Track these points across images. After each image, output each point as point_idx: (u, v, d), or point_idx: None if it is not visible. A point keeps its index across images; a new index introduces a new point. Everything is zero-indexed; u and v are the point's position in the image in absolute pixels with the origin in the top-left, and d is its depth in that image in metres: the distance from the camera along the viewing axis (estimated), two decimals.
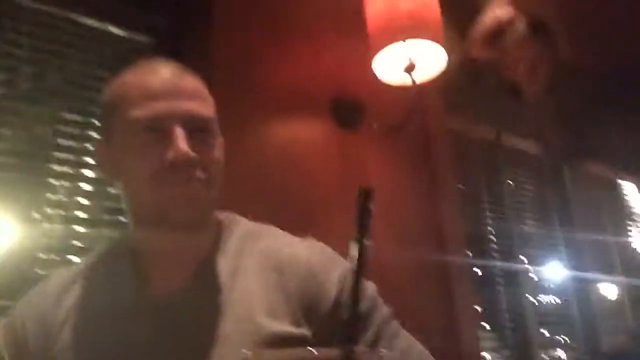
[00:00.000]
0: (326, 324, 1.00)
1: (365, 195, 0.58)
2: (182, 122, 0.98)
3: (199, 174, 0.99)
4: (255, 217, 1.21)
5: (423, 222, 2.67)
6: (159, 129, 0.98)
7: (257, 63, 2.34)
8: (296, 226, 1.18)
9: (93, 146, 1.97)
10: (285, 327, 0.98)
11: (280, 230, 1.15)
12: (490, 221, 3.41)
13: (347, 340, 0.58)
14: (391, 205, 2.56)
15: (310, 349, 0.60)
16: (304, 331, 1.00)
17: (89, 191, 1.98)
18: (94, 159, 1.03)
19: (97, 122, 1.97)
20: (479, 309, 3.04)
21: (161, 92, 0.99)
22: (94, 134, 2.01)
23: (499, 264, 3.32)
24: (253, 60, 2.33)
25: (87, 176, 1.99)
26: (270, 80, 2.36)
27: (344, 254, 1.11)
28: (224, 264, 1.04)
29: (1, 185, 1.83)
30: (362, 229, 0.59)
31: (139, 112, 0.98)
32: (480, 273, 3.21)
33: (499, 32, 0.51)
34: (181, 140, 0.96)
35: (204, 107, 1.03)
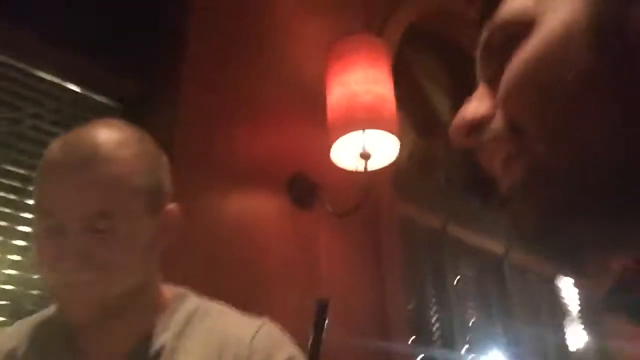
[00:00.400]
0: None
1: (322, 307, 0.59)
2: (80, 217, 0.91)
3: (92, 275, 0.90)
4: (208, 290, 1.15)
5: (369, 306, 2.65)
6: (54, 224, 0.92)
7: (219, 137, 2.33)
8: (248, 300, 1.15)
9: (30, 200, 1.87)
10: None
11: (230, 310, 1.11)
12: (434, 308, 3.39)
13: None
14: (339, 286, 2.53)
15: None
16: None
17: (22, 246, 1.86)
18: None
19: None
20: None
21: (66, 179, 0.91)
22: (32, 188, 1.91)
23: (441, 351, 3.28)
24: (216, 134, 2.33)
25: (22, 232, 1.87)
26: (231, 155, 2.36)
27: (295, 329, 1.13)
28: (163, 344, 0.99)
29: None
30: (317, 338, 0.58)
31: (41, 204, 0.93)
32: None
33: (478, 125, 0.52)
34: (65, 247, 0.89)
35: (114, 194, 0.92)
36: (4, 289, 1.77)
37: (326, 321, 0.58)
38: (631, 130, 0.39)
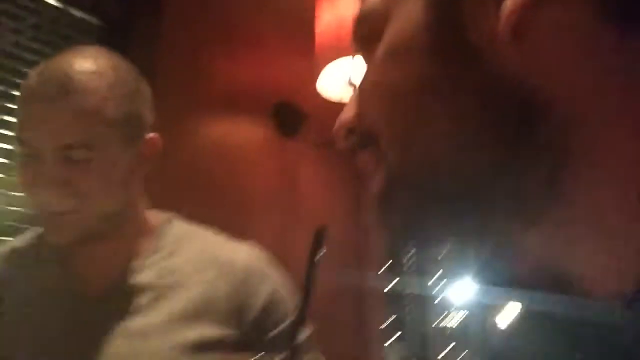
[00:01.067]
0: (251, 330, 1.00)
1: (320, 235, 0.59)
2: (56, 148, 0.90)
3: (70, 202, 0.91)
4: (191, 215, 1.16)
5: (346, 236, 2.67)
6: (32, 153, 0.92)
7: (203, 60, 2.27)
8: (230, 226, 1.15)
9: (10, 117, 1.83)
10: (204, 331, 0.97)
11: (218, 235, 1.12)
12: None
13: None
14: (316, 214, 2.55)
15: None
16: (229, 332, 0.99)
17: (3, 164, 1.84)
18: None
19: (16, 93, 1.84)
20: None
21: (41, 110, 0.90)
22: (11, 105, 1.86)
23: (410, 281, 3.36)
24: (199, 57, 2.26)
25: (3, 149, 1.84)
26: (214, 79, 2.30)
27: (275, 256, 1.14)
28: (154, 265, 1.02)
29: None
30: (312, 265, 0.59)
31: (20, 132, 0.92)
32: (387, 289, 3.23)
33: (350, 129, 0.50)
34: (44, 177, 0.90)
35: (89, 125, 0.91)
36: None
37: (322, 249, 0.59)
38: (463, 138, 0.39)
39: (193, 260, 1.04)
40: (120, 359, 0.94)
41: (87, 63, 0.94)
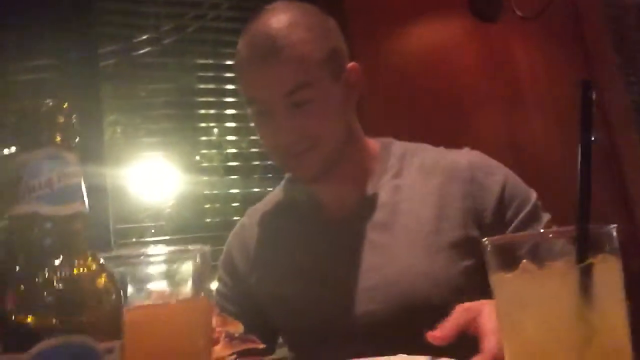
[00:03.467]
0: (494, 222, 0.99)
1: (587, 86, 0.48)
2: (279, 103, 1.00)
3: (308, 142, 1.01)
4: (410, 129, 1.21)
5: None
6: (263, 109, 1.02)
7: None
8: (449, 132, 1.22)
9: (234, 84, 1.95)
10: (453, 233, 0.99)
11: (434, 147, 1.15)
12: None
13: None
14: (546, 89, 2.28)
15: None
16: (473, 232, 0.99)
17: (236, 127, 1.98)
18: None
19: (228, 62, 1.95)
20: None
21: (256, 74, 1.01)
22: (228, 74, 1.97)
23: None
24: None
25: (230, 114, 1.98)
26: None
27: (497, 154, 1.08)
28: (385, 184, 1.07)
29: (162, 136, 1.88)
30: (586, 120, 0.48)
31: (245, 94, 1.05)
32: None
33: None
34: (281, 127, 1.00)
35: (302, 73, 1.00)
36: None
37: (593, 102, 0.48)
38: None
39: (418, 175, 1.07)
40: (371, 271, 1.00)
41: (282, 19, 1.03)
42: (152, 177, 1.86)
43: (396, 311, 0.97)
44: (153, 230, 1.85)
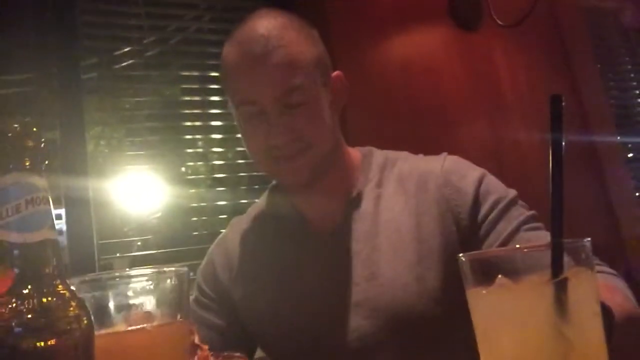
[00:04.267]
0: (469, 225, 0.99)
1: (557, 100, 0.48)
2: (272, 104, 0.99)
3: (300, 145, 1.00)
4: (388, 139, 1.19)
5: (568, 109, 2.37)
6: (256, 111, 1.00)
7: None
8: (432, 140, 1.09)
9: (219, 96, 1.95)
10: (433, 241, 0.98)
11: (413, 155, 1.14)
12: (638, 92, 2.94)
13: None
14: (528, 96, 2.30)
15: None
16: (451, 237, 0.98)
17: (222, 139, 1.97)
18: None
19: (212, 74, 1.95)
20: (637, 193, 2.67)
21: (250, 75, 1.00)
22: (213, 86, 1.97)
23: None
24: None
25: (216, 126, 1.97)
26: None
27: (481, 161, 1.09)
28: (367, 194, 1.06)
29: (147, 148, 1.87)
30: (557, 134, 0.50)
31: (237, 97, 1.02)
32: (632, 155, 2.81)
33: None
34: (273, 129, 0.98)
35: (294, 76, 0.99)
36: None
37: (562, 115, 0.48)
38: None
39: (396, 184, 1.06)
40: (356, 285, 0.99)
41: (272, 22, 1.02)
42: (137, 190, 1.84)
43: (383, 325, 0.96)
44: (139, 244, 1.83)
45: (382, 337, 0.96)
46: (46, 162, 0.43)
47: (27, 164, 0.42)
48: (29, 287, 0.39)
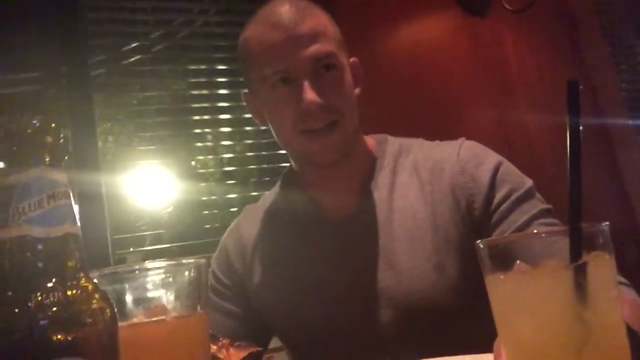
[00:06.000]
0: (482, 213, 0.97)
1: (574, 85, 0.49)
2: (307, 69, 0.98)
3: (332, 116, 0.99)
4: (402, 127, 1.18)
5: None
6: (287, 80, 0.99)
7: None
8: (441, 127, 1.16)
9: (227, 89, 1.95)
10: (448, 229, 0.97)
11: (428, 141, 1.13)
12: None
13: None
14: (537, 82, 2.28)
15: None
16: (465, 228, 0.97)
17: (231, 132, 1.98)
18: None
19: (220, 67, 1.94)
20: None
21: (282, 44, 0.99)
22: (221, 79, 1.97)
23: None
24: None
25: (225, 119, 1.98)
26: None
27: (490, 147, 1.07)
28: (382, 182, 1.06)
29: (157, 143, 1.88)
30: (574, 120, 0.49)
31: (267, 70, 1.00)
32: None
33: None
34: (308, 91, 0.97)
35: (326, 43, 1.00)
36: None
37: (579, 100, 0.49)
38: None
39: (411, 172, 1.05)
40: (373, 274, 0.98)
41: (293, 2, 1.02)
42: (148, 185, 1.85)
43: (400, 314, 0.96)
44: (151, 239, 1.85)
45: (400, 326, 0.96)
46: (65, 158, 0.44)
47: (47, 159, 0.43)
48: (53, 280, 0.40)
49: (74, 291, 0.40)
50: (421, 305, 0.95)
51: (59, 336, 0.39)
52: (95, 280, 0.43)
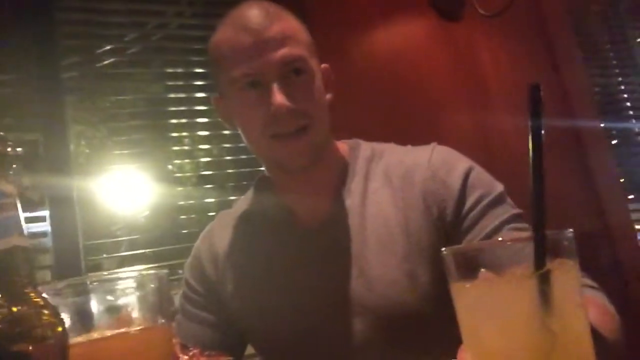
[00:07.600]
0: (453, 219, 0.96)
1: (535, 89, 0.51)
2: (275, 73, 0.96)
3: (302, 120, 0.97)
4: (376, 131, 1.17)
5: (547, 91, 2.37)
6: (256, 84, 0.97)
7: None
8: (417, 132, 1.15)
9: (204, 92, 1.92)
10: (419, 236, 0.96)
11: (401, 146, 1.12)
12: (621, 79, 2.95)
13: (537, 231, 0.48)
14: (512, 85, 2.29)
15: None
16: (436, 234, 0.96)
17: (207, 136, 1.96)
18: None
19: (197, 70, 1.92)
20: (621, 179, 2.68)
21: (250, 47, 0.97)
22: (198, 82, 1.95)
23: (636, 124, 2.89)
24: None
25: (201, 123, 1.95)
26: None
27: (467, 151, 1.06)
28: (354, 189, 1.04)
29: (132, 147, 1.84)
30: (536, 122, 0.50)
31: (235, 73, 0.98)
32: (616, 141, 2.82)
33: None
34: (277, 95, 0.95)
35: (295, 47, 0.98)
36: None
37: (542, 103, 0.50)
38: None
39: (383, 178, 1.04)
40: (345, 281, 0.97)
41: (264, 5, 1.01)
42: (124, 189, 1.82)
43: (372, 322, 0.95)
44: (127, 245, 1.82)
45: (372, 334, 0.94)
46: (14, 167, 0.42)
47: None
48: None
49: (21, 307, 0.38)
50: (393, 313, 0.94)
51: (7, 352, 0.37)
52: (45, 295, 0.41)
